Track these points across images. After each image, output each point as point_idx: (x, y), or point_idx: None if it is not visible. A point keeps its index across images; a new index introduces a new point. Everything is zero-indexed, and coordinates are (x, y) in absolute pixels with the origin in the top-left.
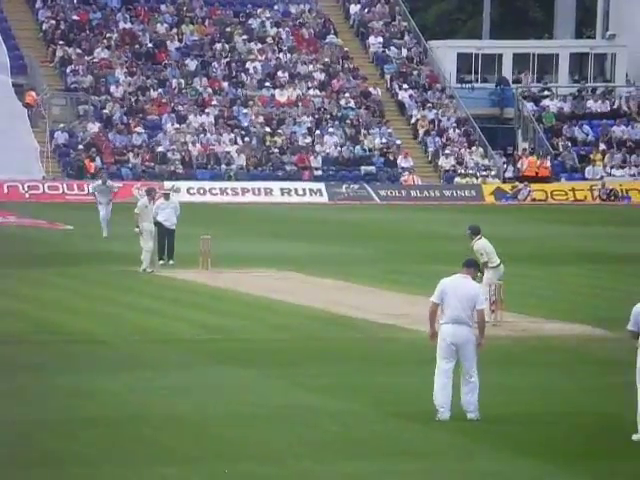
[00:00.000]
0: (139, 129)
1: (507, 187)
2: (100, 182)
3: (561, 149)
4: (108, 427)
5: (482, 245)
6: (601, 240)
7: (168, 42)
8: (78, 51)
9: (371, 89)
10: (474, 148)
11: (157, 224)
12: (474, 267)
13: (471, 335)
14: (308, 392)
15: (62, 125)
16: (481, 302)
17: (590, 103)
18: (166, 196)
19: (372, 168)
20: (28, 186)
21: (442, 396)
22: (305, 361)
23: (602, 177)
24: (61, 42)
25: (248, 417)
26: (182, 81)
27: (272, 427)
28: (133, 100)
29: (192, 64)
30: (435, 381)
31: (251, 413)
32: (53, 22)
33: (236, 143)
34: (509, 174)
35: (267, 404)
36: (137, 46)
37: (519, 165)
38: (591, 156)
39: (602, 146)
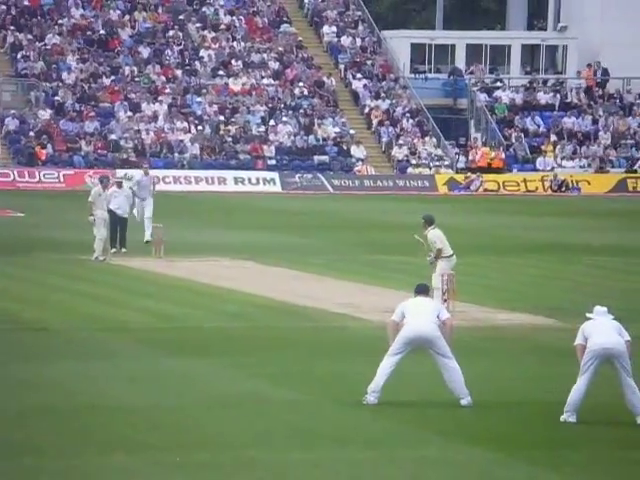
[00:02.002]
0: (91, 116)
1: (460, 177)
2: (142, 174)
3: (513, 140)
4: (59, 416)
5: (436, 235)
6: (551, 231)
7: (120, 29)
8: (29, 37)
9: (325, 78)
10: (427, 138)
11: (109, 212)
12: (427, 291)
13: (437, 329)
14: (259, 380)
15: (13, 111)
16: (444, 313)
17: (541, 95)
18: (119, 184)
19: (325, 158)
20: None
21: (376, 382)
22: (256, 350)
23: (553, 168)
24: (12, 27)
25: (199, 406)
26: (135, 69)
27: (223, 416)
28: (85, 87)
29: (145, 52)
30: (380, 367)
31: (202, 402)
32: (4, 7)
33: (189, 132)
34: (462, 165)
35: (218, 393)
36: (89, 33)
37: (472, 156)
38: (542, 147)
39: (553, 137)
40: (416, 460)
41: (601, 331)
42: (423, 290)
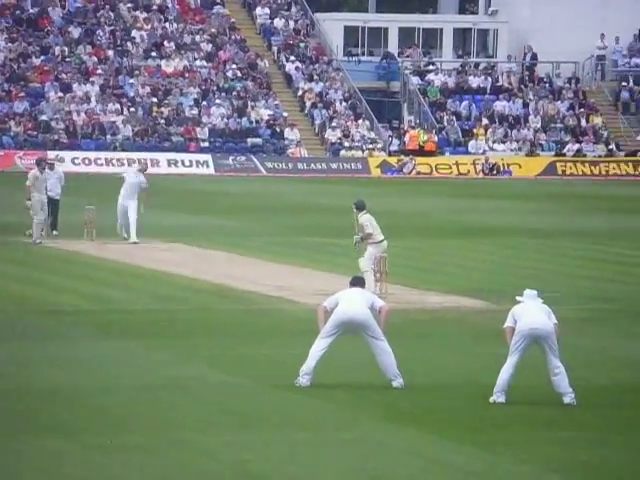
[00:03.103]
0: (21, 97)
1: (393, 160)
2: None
3: (445, 123)
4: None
5: (367, 219)
6: (483, 213)
7: (50, 9)
8: None
9: (258, 61)
10: (360, 121)
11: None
12: (363, 284)
13: (369, 312)
14: (194, 363)
15: None
16: (379, 301)
17: (473, 78)
18: (50, 166)
19: (259, 140)
20: None
21: (308, 364)
22: (191, 333)
23: (485, 151)
24: None
25: (132, 388)
26: (65, 49)
27: (157, 398)
28: (14, 67)
29: (76, 32)
30: (311, 349)
31: (136, 385)
32: None
33: (122, 113)
34: (395, 147)
35: (152, 375)
36: (18, 12)
37: (404, 139)
38: (474, 130)
39: (485, 121)
40: (347, 441)
41: (530, 313)
42: (358, 283)
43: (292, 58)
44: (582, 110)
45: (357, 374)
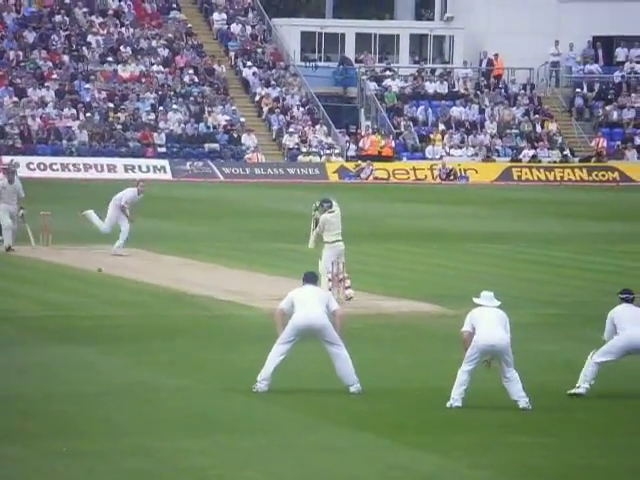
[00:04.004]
0: None
1: (350, 165)
2: (135, 191)
3: (402, 129)
4: None
5: (324, 218)
6: (439, 219)
7: (5, 13)
8: None
9: (215, 66)
10: (318, 126)
11: None
12: (316, 279)
13: (327, 317)
14: (148, 369)
15: None
16: (334, 303)
17: (429, 84)
18: (5, 171)
19: (216, 145)
20: None
21: (266, 370)
22: (146, 338)
23: (442, 157)
24: None
25: (88, 394)
26: (20, 53)
27: (112, 404)
28: None
29: (30, 36)
30: (269, 355)
31: (91, 390)
32: None
33: (78, 118)
34: (352, 153)
35: (107, 381)
36: None
37: (362, 144)
38: (431, 136)
39: (441, 126)
40: (305, 446)
41: (487, 325)
42: (311, 279)
43: (249, 63)
44: (537, 116)
45: (313, 379)
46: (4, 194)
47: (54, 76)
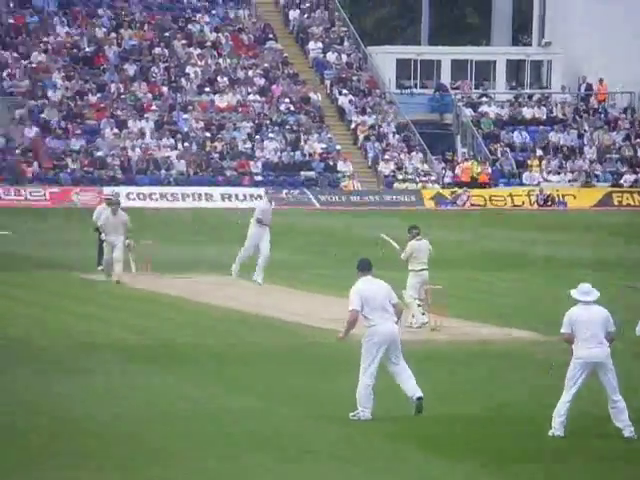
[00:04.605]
0: (77, 134)
1: (447, 192)
2: (265, 201)
3: (499, 155)
4: (22, 432)
5: (412, 245)
6: (537, 245)
7: (106, 47)
8: (15, 55)
9: (311, 94)
10: (414, 153)
11: (98, 230)
12: (370, 267)
13: (397, 331)
14: (237, 396)
15: None
16: (394, 296)
17: (526, 109)
18: (108, 201)
19: (312, 173)
20: None
21: (365, 396)
22: (241, 365)
23: (539, 183)
24: None
25: (182, 419)
26: (121, 86)
27: (204, 430)
28: (71, 105)
29: (131, 69)
30: (361, 381)
31: (184, 415)
32: None
33: (176, 148)
34: (448, 179)
35: (202, 407)
36: (75, 50)
37: (457, 171)
38: (528, 162)
39: (539, 152)
40: (399, 475)
41: (588, 335)
42: (368, 266)
43: (345, 91)
44: (638, 140)
45: (401, 406)
46: (108, 226)
47: (153, 107)
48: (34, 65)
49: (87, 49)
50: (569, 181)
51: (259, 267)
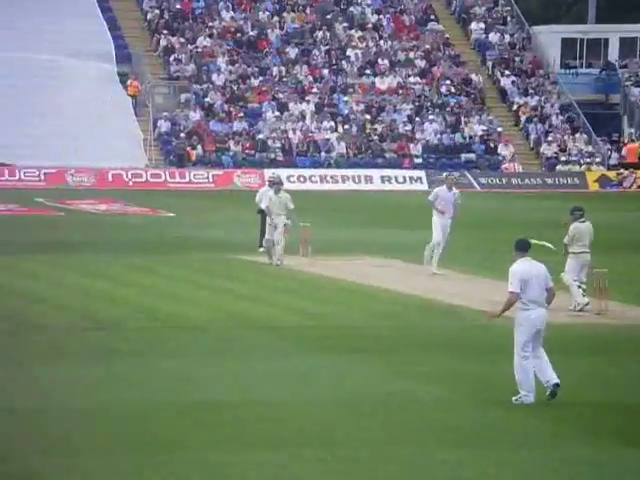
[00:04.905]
0: (240, 117)
1: (612, 174)
2: (445, 187)
3: None
4: (208, 412)
5: (574, 228)
6: None
7: (269, 30)
8: (181, 40)
9: (472, 76)
10: (578, 135)
11: (261, 212)
12: (528, 247)
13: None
14: (407, 379)
15: (165, 113)
16: (550, 280)
17: None
18: (270, 183)
19: (472, 155)
20: (132, 174)
21: (527, 380)
22: (404, 348)
23: None
24: (165, 31)
25: (347, 404)
26: (283, 69)
27: (371, 414)
28: (234, 88)
29: (293, 52)
30: (521, 366)
31: (350, 400)
32: (157, 12)
33: (336, 131)
34: (614, 161)
35: (366, 391)
36: (239, 34)
37: (623, 152)
38: None
39: None
40: (565, 461)
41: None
42: (526, 246)
43: (507, 72)
44: None
45: (572, 391)
46: (272, 206)
47: (314, 90)
48: (199, 50)
49: (250, 33)
50: None
51: (436, 255)
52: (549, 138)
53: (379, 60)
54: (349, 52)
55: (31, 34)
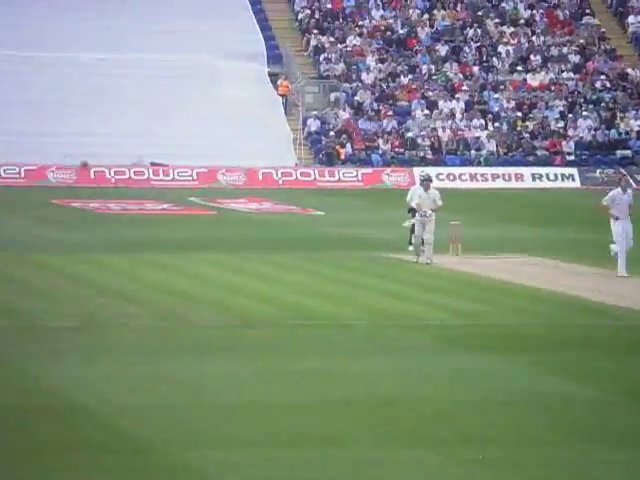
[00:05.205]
0: (389, 115)
1: None
2: (619, 190)
3: None
4: (360, 408)
5: None
6: None
7: (419, 28)
8: (331, 39)
9: (629, 70)
10: None
11: (411, 210)
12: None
13: None
14: (558, 379)
15: (314, 112)
16: None
17: None
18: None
19: (628, 152)
20: (281, 173)
21: None
22: (553, 347)
23: None
24: (315, 31)
25: (496, 403)
26: (432, 67)
27: (523, 413)
28: (384, 86)
29: (443, 49)
30: None
31: (500, 399)
32: (308, 12)
33: (486, 128)
34: None
35: (516, 390)
36: (389, 33)
37: None
38: None
39: None
40: None
41: None
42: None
43: None
44: None
45: None
46: (421, 203)
47: (464, 87)
48: (349, 49)
49: (400, 31)
50: None
51: (622, 260)
52: None
53: (531, 56)
54: (500, 48)
55: (188, 35)
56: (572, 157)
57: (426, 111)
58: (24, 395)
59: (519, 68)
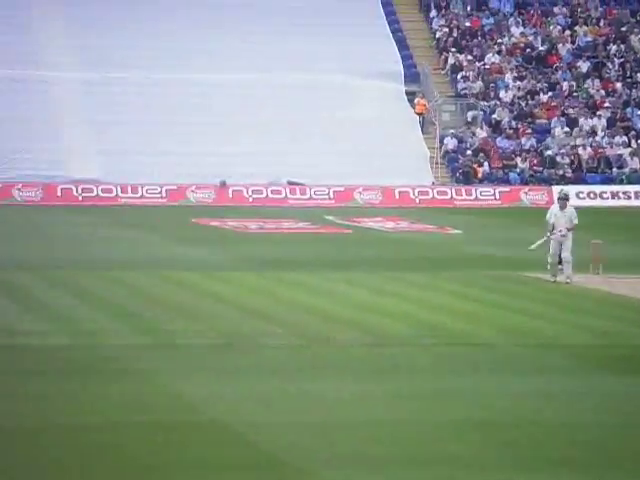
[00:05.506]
0: (528, 133)
1: None
2: None
3: None
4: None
5: None
6: None
7: (560, 45)
8: (469, 57)
9: None
10: None
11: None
12: None
13: None
14: None
15: (451, 131)
16: None
17: None
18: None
19: None
20: (418, 191)
21: None
22: None
23: None
24: (453, 49)
25: (624, 426)
26: (573, 84)
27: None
28: (522, 104)
29: (584, 66)
30: None
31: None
32: (446, 30)
33: (629, 146)
34: None
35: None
36: (528, 50)
37: None
38: None
39: None
40: None
41: None
42: None
43: None
44: None
45: None
46: (557, 222)
47: (606, 104)
48: (487, 66)
49: (540, 48)
50: None
51: None
52: None
53: None
54: None
55: (327, 55)
56: None
57: (566, 128)
58: (167, 411)
59: None
